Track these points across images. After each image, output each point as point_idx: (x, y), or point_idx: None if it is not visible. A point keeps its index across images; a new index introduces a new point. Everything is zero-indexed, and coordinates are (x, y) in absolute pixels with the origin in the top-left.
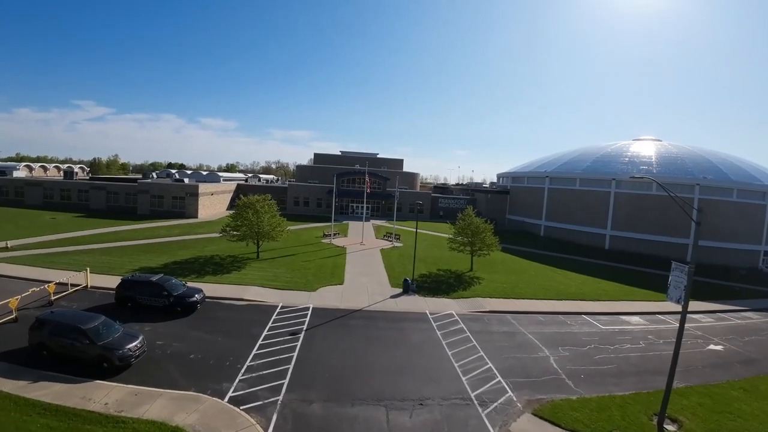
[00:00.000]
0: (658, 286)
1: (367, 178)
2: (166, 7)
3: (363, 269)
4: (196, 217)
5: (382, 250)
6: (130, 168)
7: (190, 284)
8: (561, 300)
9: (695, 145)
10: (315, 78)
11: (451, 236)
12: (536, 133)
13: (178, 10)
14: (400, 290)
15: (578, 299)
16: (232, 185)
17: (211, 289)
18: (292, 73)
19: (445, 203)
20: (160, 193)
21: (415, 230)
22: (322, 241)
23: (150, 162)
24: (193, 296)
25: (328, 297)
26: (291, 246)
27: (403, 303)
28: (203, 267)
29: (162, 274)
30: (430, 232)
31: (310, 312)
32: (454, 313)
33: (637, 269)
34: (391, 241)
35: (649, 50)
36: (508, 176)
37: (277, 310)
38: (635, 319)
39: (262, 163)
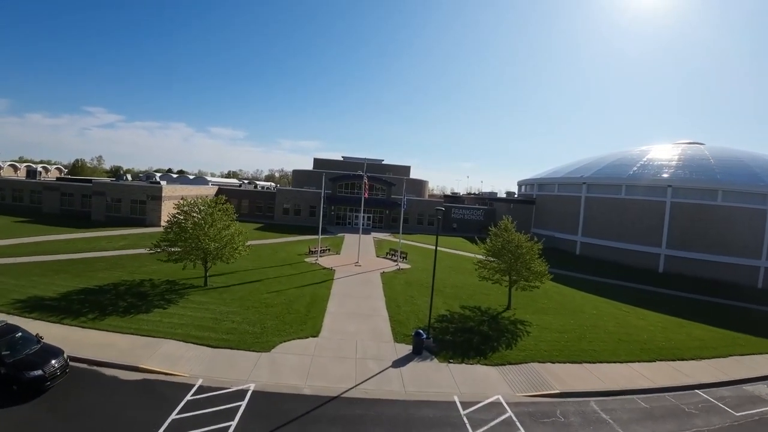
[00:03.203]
0: (751, 327)
1: (365, 180)
2: (179, 16)
3: (354, 307)
4: (159, 225)
5: (383, 275)
6: (122, 172)
7: (72, 332)
8: (653, 361)
9: (747, 150)
10: (321, 88)
11: (481, 257)
12: (542, 142)
13: (191, 18)
14: (408, 348)
15: (674, 358)
16: (211, 189)
17: (102, 341)
18: (301, 84)
19: (459, 214)
20: (117, 196)
21: (434, 248)
22: (306, 260)
23: (155, 169)
24: (37, 368)
25: (287, 366)
26: (261, 267)
27: (415, 378)
28: (117, 300)
29: (5, 323)
30: (444, 249)
31: (245, 403)
32: (501, 400)
33: (709, 300)
34: (395, 260)
35: (648, 54)
36: (532, 183)
37: (188, 395)
38: (765, 390)
39: (266, 172)
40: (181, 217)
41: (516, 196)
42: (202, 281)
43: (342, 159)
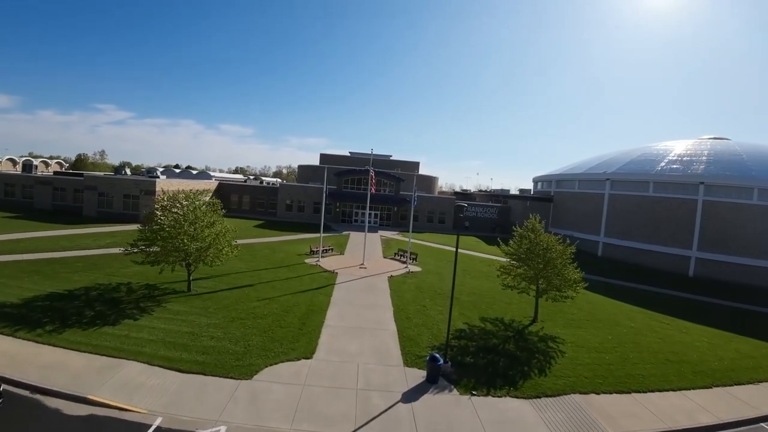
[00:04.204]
0: None
1: (371, 174)
2: (188, 15)
3: (356, 318)
4: None
5: (391, 279)
6: (123, 166)
7: (22, 348)
8: (708, 387)
9: None
10: (328, 86)
11: (506, 261)
12: (549, 141)
13: (200, 17)
14: (421, 374)
15: (730, 382)
16: (211, 184)
17: (53, 361)
18: (308, 81)
19: (471, 212)
20: (109, 191)
21: (446, 248)
22: (306, 261)
23: (163, 165)
24: None
25: (270, 400)
26: (255, 269)
27: (430, 419)
28: (85, 308)
29: None
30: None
31: None
32: None
33: (748, 309)
34: (404, 262)
35: (649, 53)
36: (549, 180)
37: None
38: None
39: (274, 168)
40: (159, 213)
41: (531, 193)
42: (186, 286)
43: (349, 154)
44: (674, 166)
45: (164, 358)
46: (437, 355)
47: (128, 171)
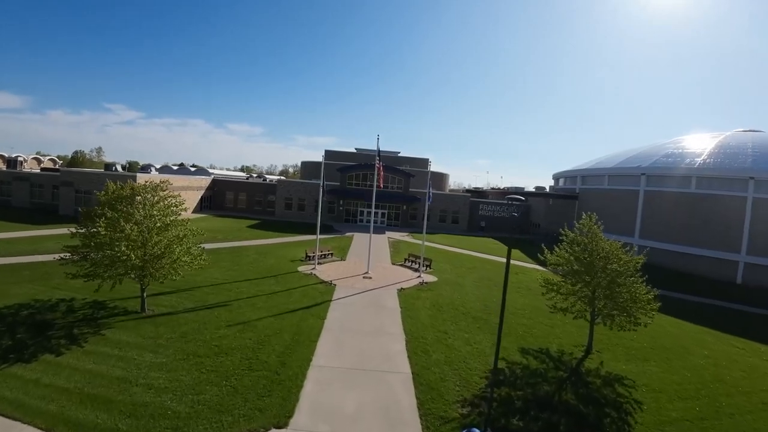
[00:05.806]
0: None
1: (378, 166)
2: (198, 14)
3: (356, 354)
4: None
5: (401, 293)
6: (115, 164)
7: None
8: None
9: None
10: (336, 85)
11: (555, 275)
12: (559, 140)
13: (209, 16)
14: None
15: None
16: (204, 180)
17: None
18: (315, 81)
19: (488, 211)
20: (87, 187)
21: (463, 252)
22: (299, 269)
23: (171, 164)
24: None
25: None
26: (235, 279)
27: None
28: (4, 335)
29: None
30: (472, 253)
31: None
32: None
33: None
34: (417, 269)
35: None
36: (574, 176)
37: None
38: None
39: (280, 167)
40: (99, 210)
41: (547, 190)
42: (140, 304)
43: (355, 151)
44: (718, 160)
45: (71, 424)
46: (476, 431)
47: (119, 167)
